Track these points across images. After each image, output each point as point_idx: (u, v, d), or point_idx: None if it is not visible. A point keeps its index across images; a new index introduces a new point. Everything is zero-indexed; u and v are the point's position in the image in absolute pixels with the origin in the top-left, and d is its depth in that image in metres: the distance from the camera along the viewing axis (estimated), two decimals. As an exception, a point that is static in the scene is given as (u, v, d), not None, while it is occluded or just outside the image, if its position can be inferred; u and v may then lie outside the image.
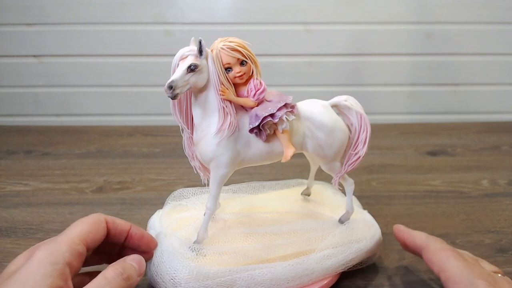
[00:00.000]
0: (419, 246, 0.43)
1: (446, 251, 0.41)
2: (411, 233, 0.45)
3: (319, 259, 0.44)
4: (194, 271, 0.41)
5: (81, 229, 0.38)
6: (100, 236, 0.39)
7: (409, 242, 0.45)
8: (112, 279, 0.36)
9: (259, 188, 0.56)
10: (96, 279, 0.35)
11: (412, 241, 0.44)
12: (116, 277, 0.36)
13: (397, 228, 0.47)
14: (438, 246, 0.42)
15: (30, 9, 0.86)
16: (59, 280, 0.33)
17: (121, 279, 0.36)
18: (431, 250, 0.42)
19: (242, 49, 0.40)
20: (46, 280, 0.33)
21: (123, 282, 0.36)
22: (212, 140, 0.41)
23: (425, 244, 0.43)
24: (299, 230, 0.47)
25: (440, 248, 0.41)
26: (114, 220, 0.41)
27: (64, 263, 0.34)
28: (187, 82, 0.39)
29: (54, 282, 0.33)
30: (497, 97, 0.96)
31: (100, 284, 0.35)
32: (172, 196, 0.52)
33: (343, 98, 0.46)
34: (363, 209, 0.53)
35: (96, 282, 0.35)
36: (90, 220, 0.39)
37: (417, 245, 0.43)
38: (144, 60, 0.91)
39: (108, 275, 0.36)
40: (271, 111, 0.41)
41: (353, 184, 0.48)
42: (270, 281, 0.42)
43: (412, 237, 0.45)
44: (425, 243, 0.43)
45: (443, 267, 0.40)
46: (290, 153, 0.42)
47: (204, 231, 0.44)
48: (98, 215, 0.40)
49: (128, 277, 0.37)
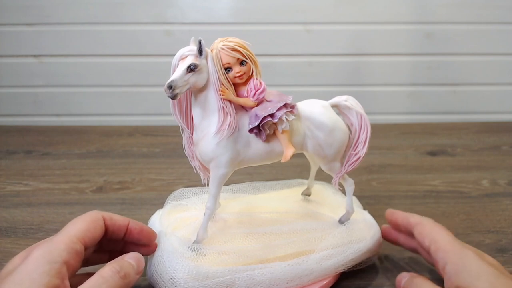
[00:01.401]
0: (412, 223, 0.44)
1: (438, 227, 0.43)
2: (405, 214, 0.47)
3: (319, 259, 0.44)
4: (194, 270, 0.40)
5: (79, 227, 0.38)
6: (98, 233, 0.39)
7: (403, 221, 0.46)
8: (108, 278, 0.36)
9: (260, 188, 0.56)
10: (93, 278, 0.35)
11: (406, 220, 0.46)
12: (112, 275, 0.36)
13: (390, 211, 0.49)
14: (431, 222, 0.44)
15: (30, 9, 0.86)
16: (56, 279, 0.33)
17: (118, 277, 0.36)
18: (424, 224, 0.44)
19: (241, 49, 0.40)
20: (43, 279, 0.33)
21: (120, 281, 0.36)
22: (212, 140, 0.41)
23: (418, 221, 0.44)
24: (298, 230, 0.47)
25: (432, 223, 0.44)
26: (112, 217, 0.41)
27: (61, 262, 0.34)
28: (186, 82, 0.39)
29: (51, 281, 0.33)
30: (497, 97, 0.96)
31: (96, 283, 0.35)
32: (172, 196, 0.52)
33: (343, 98, 0.46)
34: (363, 210, 0.53)
35: (93, 281, 0.35)
36: (88, 218, 0.39)
37: (410, 223, 0.45)
38: (144, 60, 0.91)
39: (105, 273, 0.36)
40: (271, 111, 0.41)
41: (353, 184, 0.48)
42: (269, 281, 0.42)
43: (406, 217, 0.46)
44: (418, 220, 0.44)
45: (434, 238, 0.41)
46: (289, 153, 0.42)
47: (204, 231, 0.44)
48: (95, 213, 0.40)
49: (125, 275, 0.37)
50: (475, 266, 0.37)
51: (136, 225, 0.42)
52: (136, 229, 0.42)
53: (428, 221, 0.44)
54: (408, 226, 0.45)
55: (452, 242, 0.40)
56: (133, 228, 0.42)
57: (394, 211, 0.48)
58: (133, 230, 0.42)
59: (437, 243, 0.41)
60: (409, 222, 0.45)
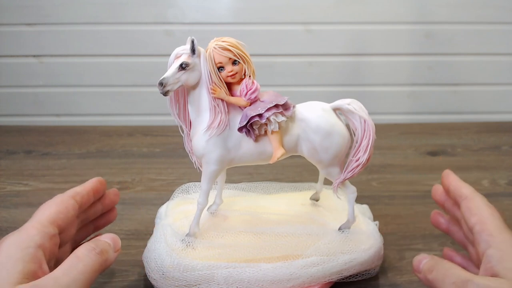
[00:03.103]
0: (464, 194, 0.42)
1: (490, 208, 0.40)
2: (459, 182, 0.44)
3: (303, 265, 0.43)
4: (176, 261, 0.42)
5: (48, 211, 0.37)
6: (70, 213, 0.39)
7: (454, 188, 0.43)
8: (84, 256, 0.35)
9: (269, 189, 0.56)
10: (68, 259, 0.34)
11: (458, 188, 0.43)
12: (88, 253, 0.35)
13: (447, 172, 0.45)
14: (484, 200, 0.41)
15: (30, 9, 0.86)
16: (32, 264, 0.33)
17: (94, 253, 0.35)
18: (476, 200, 0.40)
19: (233, 49, 0.40)
20: (17, 266, 0.32)
21: (96, 257, 0.35)
22: (202, 137, 0.42)
23: (471, 195, 0.41)
24: (291, 234, 0.46)
25: (485, 202, 0.40)
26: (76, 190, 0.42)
27: (35, 247, 0.34)
28: (178, 79, 0.40)
29: (26, 267, 0.32)
30: (497, 97, 0.96)
31: (72, 263, 0.34)
32: (180, 189, 0.54)
33: (346, 102, 0.44)
34: (373, 221, 0.51)
35: (68, 262, 0.34)
36: (57, 200, 0.39)
37: (462, 193, 0.42)
38: (144, 60, 0.91)
39: (79, 253, 0.35)
40: (260, 111, 0.41)
41: (355, 192, 0.46)
42: (248, 281, 0.42)
43: (459, 185, 0.43)
44: (471, 194, 0.41)
45: (483, 218, 0.38)
46: (278, 154, 0.43)
47: (195, 225, 0.45)
48: (62, 195, 0.40)
49: (101, 251, 0.36)
50: None
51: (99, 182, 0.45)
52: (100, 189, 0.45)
53: (481, 199, 0.41)
54: (458, 196, 0.42)
55: (501, 228, 0.38)
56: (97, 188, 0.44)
57: (450, 174, 0.45)
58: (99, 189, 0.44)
59: (484, 224, 0.38)
60: (461, 192, 0.42)
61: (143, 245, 0.46)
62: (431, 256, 0.39)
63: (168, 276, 0.42)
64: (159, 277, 0.42)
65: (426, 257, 0.39)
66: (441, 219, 0.47)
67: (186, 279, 0.42)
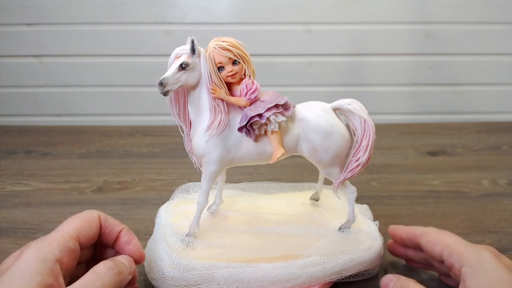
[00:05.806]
0: (417, 234, 0.43)
1: (445, 232, 0.42)
2: (408, 227, 0.46)
3: (303, 265, 0.43)
4: (176, 261, 0.42)
5: (73, 225, 0.37)
6: (93, 232, 0.39)
7: (407, 235, 0.45)
8: (102, 274, 0.35)
9: (269, 189, 0.56)
10: (86, 275, 0.35)
11: (410, 233, 0.44)
12: (107, 271, 0.35)
13: (392, 227, 0.47)
14: (436, 229, 0.43)
15: (30, 9, 0.86)
16: (49, 278, 0.33)
17: (112, 273, 0.36)
18: (431, 233, 0.42)
19: (233, 49, 0.40)
20: (35, 278, 0.32)
21: (114, 276, 0.36)
22: (202, 137, 0.42)
23: (423, 231, 0.43)
24: (291, 234, 0.46)
25: (439, 230, 0.42)
26: (107, 218, 0.41)
27: (53, 260, 0.34)
28: (177, 79, 0.40)
29: (43, 279, 0.32)
30: (497, 97, 0.96)
31: (90, 280, 0.34)
32: (180, 189, 0.54)
33: (346, 102, 0.44)
34: (373, 221, 0.52)
35: (86, 278, 0.34)
36: (83, 216, 0.39)
37: (415, 234, 0.44)
38: (144, 60, 0.91)
39: (99, 270, 0.35)
40: (260, 111, 0.41)
41: (355, 192, 0.46)
42: (248, 281, 0.42)
43: (411, 230, 0.45)
44: (423, 230, 0.43)
45: (446, 242, 0.40)
46: (278, 154, 0.43)
47: (195, 225, 0.45)
48: (92, 212, 0.40)
49: (119, 271, 0.36)
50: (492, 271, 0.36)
51: (129, 234, 0.41)
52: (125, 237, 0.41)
53: (433, 229, 0.43)
54: (414, 238, 0.44)
55: (465, 244, 0.39)
56: (123, 236, 0.41)
57: (396, 227, 0.47)
58: (122, 237, 0.40)
59: (449, 247, 0.39)
60: (414, 234, 0.44)
61: (143, 245, 0.46)
62: (397, 276, 0.41)
63: (168, 276, 0.42)
64: (159, 277, 0.42)
65: (392, 279, 0.41)
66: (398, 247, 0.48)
67: (186, 279, 0.42)
